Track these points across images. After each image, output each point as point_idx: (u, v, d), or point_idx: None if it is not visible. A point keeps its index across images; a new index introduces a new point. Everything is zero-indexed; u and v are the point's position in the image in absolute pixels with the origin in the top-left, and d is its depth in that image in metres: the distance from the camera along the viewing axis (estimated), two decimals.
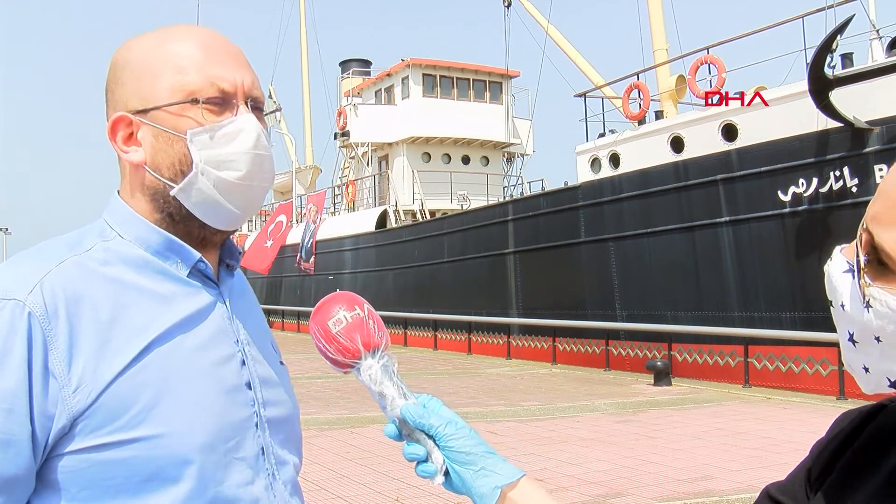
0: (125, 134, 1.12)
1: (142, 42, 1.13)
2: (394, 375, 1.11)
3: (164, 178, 1.10)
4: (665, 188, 14.58)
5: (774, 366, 12.78)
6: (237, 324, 1.17)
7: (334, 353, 1.10)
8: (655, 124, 15.19)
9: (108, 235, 1.11)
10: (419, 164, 27.38)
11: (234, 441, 1.08)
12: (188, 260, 1.12)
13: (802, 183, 12.27)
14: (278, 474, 1.15)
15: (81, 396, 0.97)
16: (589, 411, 10.51)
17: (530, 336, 18.37)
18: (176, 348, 1.05)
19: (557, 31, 22.17)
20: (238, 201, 1.12)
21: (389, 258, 23.92)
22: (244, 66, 1.15)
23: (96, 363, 0.99)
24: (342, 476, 7.04)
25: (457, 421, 1.09)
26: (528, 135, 28.74)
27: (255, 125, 1.12)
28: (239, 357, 1.14)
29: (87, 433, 0.97)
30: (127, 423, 0.98)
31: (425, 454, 1.07)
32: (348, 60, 34.27)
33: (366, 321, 1.11)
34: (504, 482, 1.05)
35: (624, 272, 15.65)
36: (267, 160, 1.14)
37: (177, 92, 1.09)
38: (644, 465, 7.29)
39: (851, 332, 0.85)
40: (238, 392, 1.11)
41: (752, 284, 13.26)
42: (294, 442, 1.23)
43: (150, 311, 1.06)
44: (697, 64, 14.34)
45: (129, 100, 1.11)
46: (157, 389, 1.01)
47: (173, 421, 1.01)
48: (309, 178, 36.84)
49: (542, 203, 18.12)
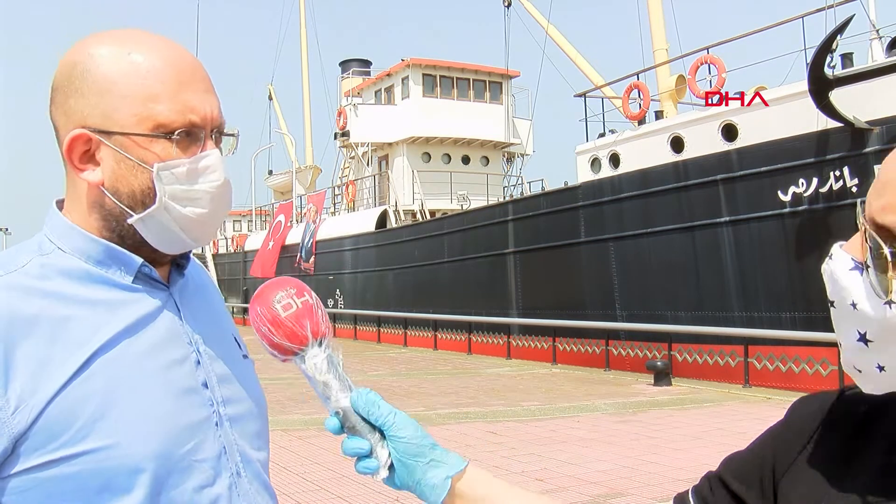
0: (82, 150, 1.07)
1: (102, 49, 1.07)
2: (339, 367, 1.07)
3: (122, 203, 1.07)
4: (665, 188, 14.58)
5: (774, 366, 12.78)
6: (189, 323, 1.14)
7: (280, 339, 1.05)
8: (655, 124, 15.19)
9: (46, 249, 1.08)
10: (419, 164, 27.38)
11: (192, 444, 1.06)
12: (131, 266, 1.10)
13: (802, 183, 12.27)
14: (244, 472, 1.13)
15: (21, 417, 0.95)
16: (589, 411, 10.51)
17: (530, 336, 18.36)
18: (121, 356, 1.03)
19: (557, 31, 22.17)
20: (196, 234, 1.11)
21: (389, 258, 23.92)
22: (210, 91, 1.11)
23: (35, 382, 0.96)
24: (342, 476, 7.03)
25: (400, 412, 1.06)
26: (528, 135, 28.74)
27: (221, 161, 1.10)
28: (193, 358, 1.12)
29: (30, 452, 0.96)
30: (72, 438, 0.97)
31: (369, 448, 1.04)
32: (348, 60, 34.29)
33: (315, 308, 1.08)
34: (454, 471, 1.04)
35: (624, 272, 15.65)
36: (229, 195, 1.13)
37: (146, 121, 1.05)
38: (644, 465, 7.29)
39: (863, 331, 0.83)
40: (193, 393, 1.09)
41: (752, 284, 13.26)
42: (262, 437, 1.21)
43: (93, 322, 1.03)
44: (697, 64, 14.34)
45: (90, 115, 1.05)
46: (103, 400, 0.99)
47: (121, 430, 0.99)
48: (309, 178, 36.84)
49: (542, 203, 18.12)
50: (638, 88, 15.62)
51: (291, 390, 12.27)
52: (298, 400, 11.54)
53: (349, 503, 6.19)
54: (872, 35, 12.01)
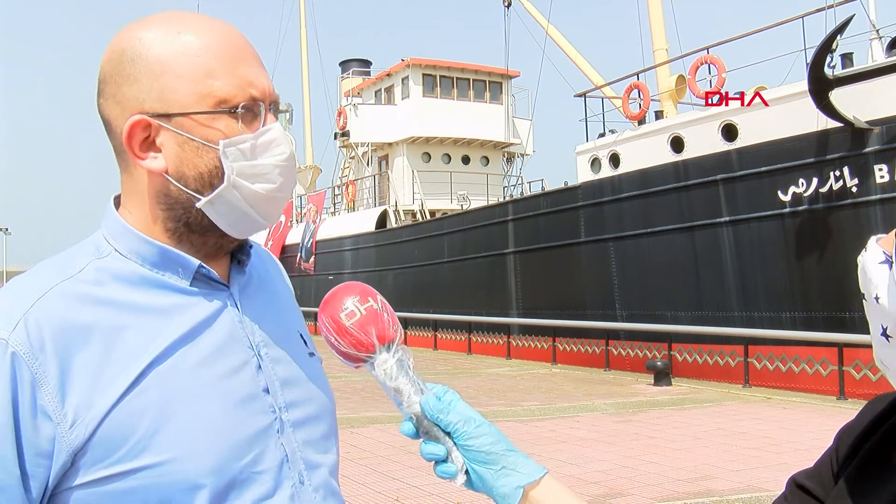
0: (142, 138, 1.03)
1: (152, 32, 1.03)
2: (409, 370, 1.05)
3: (188, 189, 1.04)
4: (665, 188, 14.58)
5: (774, 366, 12.79)
6: (251, 325, 1.11)
7: (346, 347, 1.04)
8: (655, 124, 15.19)
9: (103, 251, 1.05)
10: (419, 164, 27.38)
11: (252, 455, 1.03)
12: (188, 268, 1.06)
13: (802, 183, 12.27)
14: (307, 480, 1.09)
15: (79, 431, 0.93)
16: (589, 411, 10.51)
17: (530, 336, 18.37)
18: (178, 366, 1.00)
19: (557, 31, 22.17)
20: (266, 211, 1.08)
21: (389, 258, 23.92)
22: (262, 67, 1.09)
23: (91, 395, 0.94)
24: (342, 476, 7.02)
25: (475, 417, 1.03)
26: (528, 135, 28.74)
27: (284, 134, 1.08)
28: (254, 362, 1.08)
29: (89, 466, 0.94)
30: (128, 453, 0.95)
31: (445, 453, 1.02)
32: (348, 60, 34.26)
33: (380, 313, 1.05)
34: (526, 481, 1.02)
35: (624, 272, 15.66)
36: (294, 167, 1.10)
37: (207, 98, 1.02)
38: (644, 465, 7.29)
39: (885, 325, 0.83)
40: (254, 400, 1.06)
41: (752, 284, 13.26)
42: (330, 439, 1.17)
43: (148, 330, 1.00)
44: (697, 64, 14.34)
45: (146, 100, 1.02)
46: (158, 414, 0.97)
47: (178, 445, 0.97)
48: (309, 178, 36.82)
49: (542, 203, 18.12)
50: (638, 88, 15.62)
51: None
52: None
53: (349, 503, 6.19)
54: (872, 35, 12.01)
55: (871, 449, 0.95)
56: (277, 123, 1.08)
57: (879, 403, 1.01)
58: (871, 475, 0.93)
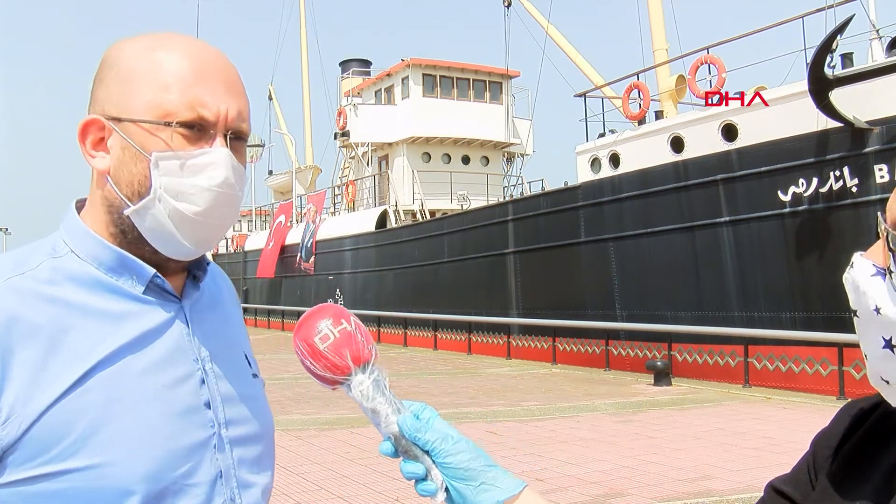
0: (96, 138, 1.07)
1: (133, 45, 1.07)
2: (385, 389, 1.06)
3: (122, 193, 1.05)
4: (665, 188, 14.58)
5: (774, 366, 12.79)
6: (197, 340, 1.11)
7: (322, 371, 1.04)
8: (655, 124, 15.19)
9: (59, 251, 1.06)
10: (419, 164, 27.38)
11: (187, 467, 1.03)
12: (143, 276, 1.07)
13: (802, 183, 12.27)
14: (238, 498, 1.09)
15: (11, 428, 0.92)
16: (589, 411, 10.52)
17: (530, 336, 18.37)
18: (123, 371, 1.00)
19: (557, 31, 22.17)
20: (191, 235, 1.06)
21: (389, 258, 23.92)
22: (234, 93, 1.08)
23: (29, 392, 0.94)
24: (342, 476, 7.04)
25: (452, 435, 1.04)
26: (528, 135, 28.74)
27: (227, 161, 1.06)
28: (198, 375, 1.08)
29: (17, 465, 0.93)
30: (60, 454, 0.94)
31: (424, 471, 1.03)
32: (348, 60, 34.28)
33: (354, 335, 1.05)
34: (505, 496, 1.02)
35: (624, 272, 15.66)
36: (232, 199, 1.08)
37: (153, 109, 1.03)
38: (644, 465, 7.29)
39: (888, 336, 0.82)
40: (194, 413, 1.06)
41: (752, 284, 13.26)
42: (265, 461, 1.17)
43: (97, 333, 1.00)
44: (697, 64, 14.34)
45: (107, 103, 1.06)
46: (97, 417, 0.96)
47: (113, 450, 0.96)
48: (309, 178, 36.85)
49: (542, 203, 18.12)
50: (638, 88, 15.62)
51: (291, 390, 12.28)
52: (298, 400, 11.54)
53: (349, 503, 6.19)
54: (872, 35, 12.01)
55: (849, 452, 0.96)
56: (223, 150, 1.06)
57: (853, 408, 1.02)
58: (850, 476, 0.93)
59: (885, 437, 0.93)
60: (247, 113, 1.10)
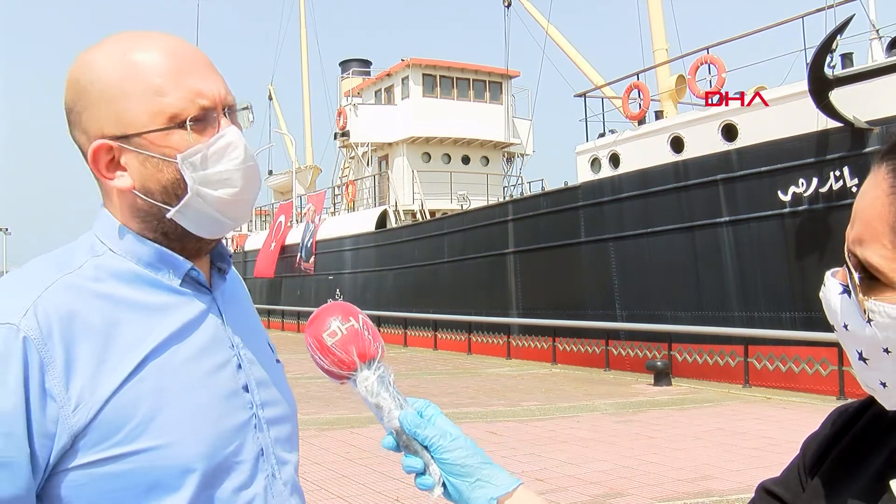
0: (107, 160, 1.09)
1: (103, 57, 1.08)
2: (390, 386, 1.11)
3: (157, 201, 1.10)
4: (665, 188, 14.58)
5: (774, 366, 12.79)
6: (231, 328, 1.18)
7: (329, 366, 1.10)
8: (655, 124, 15.19)
9: (98, 250, 1.11)
10: (419, 164, 27.38)
11: (234, 445, 1.10)
12: (179, 269, 1.13)
13: (802, 183, 12.27)
14: (278, 474, 1.17)
15: (81, 415, 0.98)
16: (589, 411, 10.52)
17: (530, 336, 18.37)
18: (170, 360, 1.06)
19: (557, 31, 22.17)
20: (233, 214, 1.13)
21: (389, 258, 23.92)
22: (214, 72, 1.12)
23: (93, 381, 1.00)
24: (342, 476, 7.04)
25: (451, 432, 1.08)
26: (528, 135, 28.74)
27: (240, 137, 1.12)
28: (234, 361, 1.15)
29: (87, 449, 0.99)
30: (126, 437, 1.00)
31: (423, 466, 1.08)
32: (348, 60, 34.27)
33: (361, 332, 1.11)
34: (499, 493, 1.06)
35: (624, 272, 15.66)
36: (255, 169, 1.14)
37: (158, 116, 1.06)
38: (644, 465, 7.29)
39: (860, 350, 0.86)
40: (235, 396, 1.13)
41: (752, 284, 13.26)
42: (293, 440, 1.25)
43: (144, 325, 1.06)
44: (697, 64, 14.34)
45: (105, 125, 1.07)
46: (154, 402, 1.03)
47: (171, 432, 1.03)
48: (309, 178, 36.83)
49: (542, 203, 18.12)
50: (638, 88, 15.62)
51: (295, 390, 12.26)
52: (299, 400, 11.43)
53: (349, 503, 6.19)
54: (872, 35, 12.01)
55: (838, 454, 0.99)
56: (232, 127, 1.11)
57: (843, 411, 1.06)
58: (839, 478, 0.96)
59: (875, 439, 0.96)
60: (227, 85, 1.14)
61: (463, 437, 1.08)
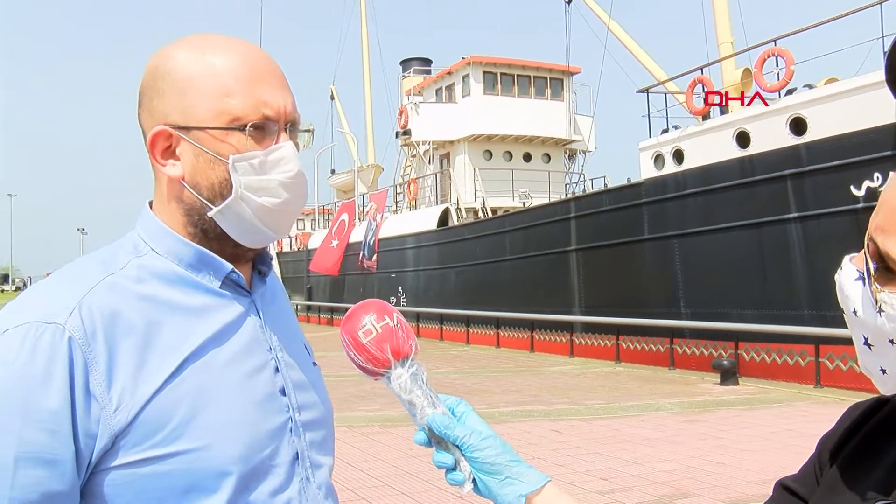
0: (164, 146, 1.12)
1: (183, 52, 1.12)
2: (423, 384, 1.13)
3: (202, 197, 1.12)
4: (730, 184, 14.28)
5: (848, 366, 12.41)
6: (270, 331, 1.20)
7: (364, 362, 1.12)
8: (720, 119, 14.89)
9: (141, 250, 1.13)
10: (480, 161, 27.38)
11: (270, 449, 1.11)
12: (220, 272, 1.15)
13: (877, 177, 11.88)
14: (312, 478, 1.18)
15: (122, 416, 1.00)
16: (653, 410, 10.39)
17: (593, 334, 18.21)
18: (210, 363, 1.09)
19: (619, 27, 21.91)
20: (274, 225, 1.15)
21: (451, 256, 23.98)
22: (285, 88, 1.15)
23: (134, 383, 1.02)
24: (406, 473, 7.09)
25: (481, 431, 1.10)
26: (590, 131, 28.48)
27: (295, 153, 1.14)
28: (272, 364, 1.17)
29: (128, 449, 1.01)
30: (165, 439, 1.02)
31: (454, 462, 1.10)
32: (409, 59, 34.44)
33: (395, 330, 1.13)
34: (528, 490, 1.08)
35: (688, 269, 15.40)
36: (304, 186, 1.17)
37: (222, 115, 1.10)
38: (711, 466, 7.18)
39: (866, 336, 0.88)
40: (272, 399, 1.15)
41: (823, 282, 12.88)
42: (329, 443, 1.26)
43: (184, 327, 1.08)
44: (764, 56, 14.00)
45: (170, 113, 1.11)
46: (193, 404, 1.05)
47: (210, 434, 1.05)
48: (371, 177, 37.16)
49: (605, 200, 17.94)
50: (702, 83, 15.33)
51: (357, 388, 12.43)
52: (363, 397, 11.68)
53: (413, 499, 6.24)
54: None
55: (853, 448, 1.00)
56: (289, 143, 1.14)
57: (857, 408, 1.07)
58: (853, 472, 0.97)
59: (890, 433, 0.97)
60: (295, 103, 1.17)
61: (493, 435, 1.11)
